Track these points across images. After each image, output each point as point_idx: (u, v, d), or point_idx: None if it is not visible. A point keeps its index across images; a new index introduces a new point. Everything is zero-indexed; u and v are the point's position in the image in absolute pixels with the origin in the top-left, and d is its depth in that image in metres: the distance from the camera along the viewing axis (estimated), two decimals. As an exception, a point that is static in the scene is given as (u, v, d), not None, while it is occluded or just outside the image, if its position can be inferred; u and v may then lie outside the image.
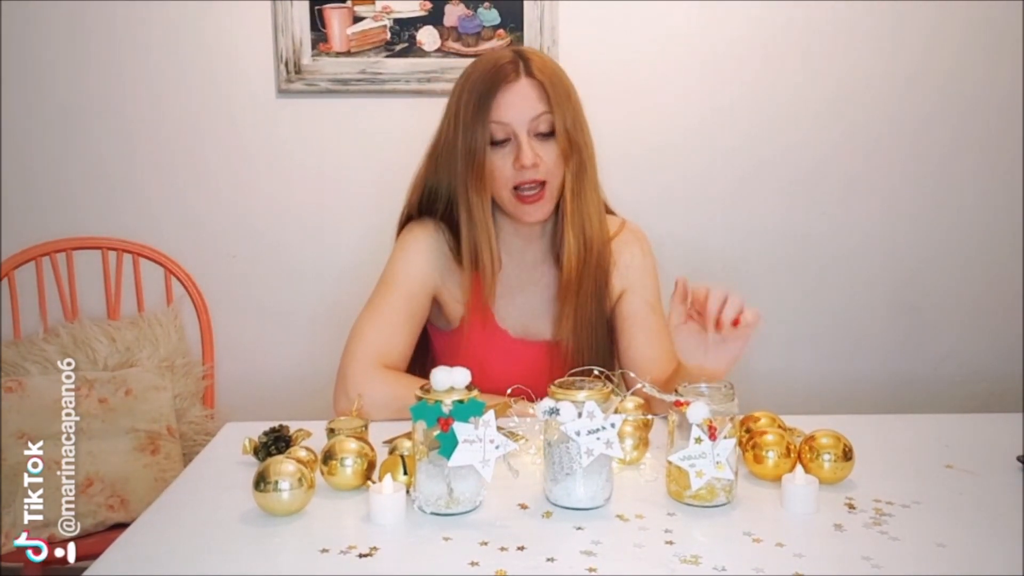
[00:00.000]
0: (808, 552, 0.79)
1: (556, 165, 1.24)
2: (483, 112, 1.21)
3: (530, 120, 1.21)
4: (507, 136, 1.22)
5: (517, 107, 1.21)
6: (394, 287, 1.29)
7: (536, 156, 1.21)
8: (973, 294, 2.10)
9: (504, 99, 1.21)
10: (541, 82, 1.22)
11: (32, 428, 1.60)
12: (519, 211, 1.26)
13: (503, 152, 1.23)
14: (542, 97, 1.22)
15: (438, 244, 1.32)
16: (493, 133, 1.22)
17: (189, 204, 2.00)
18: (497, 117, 1.21)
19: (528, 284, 1.35)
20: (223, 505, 0.91)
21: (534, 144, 1.22)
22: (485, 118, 1.21)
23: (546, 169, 1.23)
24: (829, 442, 0.96)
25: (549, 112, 1.22)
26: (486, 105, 1.21)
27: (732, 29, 2.00)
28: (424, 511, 0.88)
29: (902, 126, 2.04)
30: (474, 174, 1.23)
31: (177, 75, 1.96)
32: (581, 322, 1.30)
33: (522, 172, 1.22)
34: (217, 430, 1.21)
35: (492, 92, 1.21)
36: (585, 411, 0.86)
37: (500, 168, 1.23)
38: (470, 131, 1.22)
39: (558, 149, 1.24)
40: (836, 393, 2.10)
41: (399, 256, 1.32)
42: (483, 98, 1.21)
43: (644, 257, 1.37)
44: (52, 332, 1.76)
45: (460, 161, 1.24)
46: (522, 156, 1.20)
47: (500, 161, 1.23)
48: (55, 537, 1.54)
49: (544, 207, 1.26)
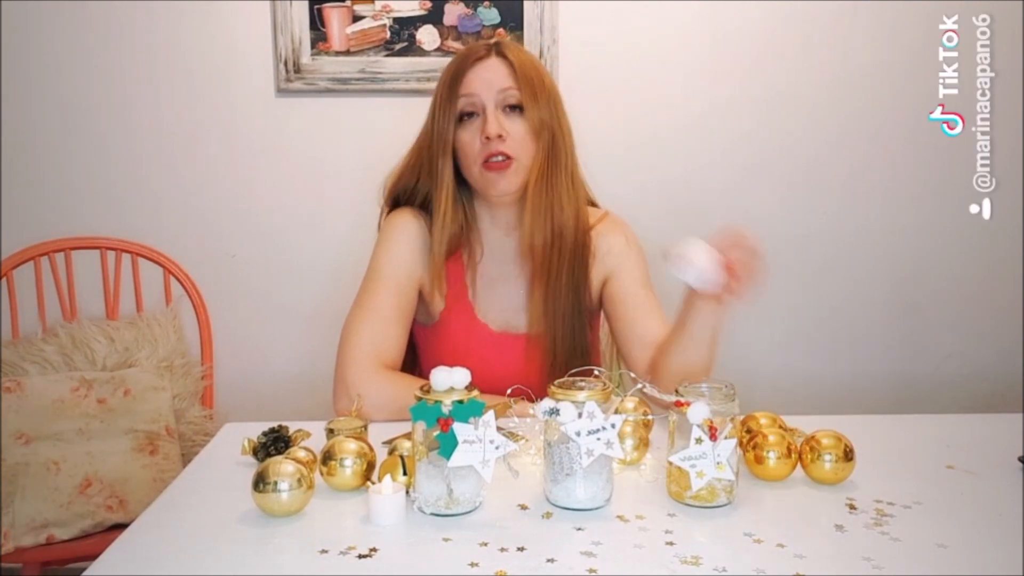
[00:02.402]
0: (809, 553, 0.79)
1: (524, 141, 1.25)
2: (454, 88, 1.25)
3: (497, 92, 1.24)
4: (475, 110, 1.25)
5: (485, 79, 1.24)
6: (382, 281, 1.29)
7: (501, 128, 1.23)
8: (974, 294, 2.10)
9: (473, 73, 1.25)
10: (511, 61, 1.26)
11: (31, 428, 1.59)
12: (486, 181, 1.26)
13: (471, 127, 1.25)
14: (510, 74, 1.25)
15: (420, 233, 1.32)
16: (462, 107, 1.25)
17: (188, 204, 2.00)
18: (465, 90, 1.24)
19: (507, 277, 1.34)
20: (222, 506, 0.90)
21: (501, 117, 1.24)
22: (455, 94, 1.25)
23: (513, 143, 1.24)
24: (830, 442, 0.96)
25: (516, 89, 1.24)
26: (457, 81, 1.25)
27: (731, 28, 2.00)
28: (424, 512, 0.88)
29: (902, 125, 2.04)
30: (444, 155, 1.27)
31: (176, 74, 1.96)
32: (555, 314, 1.29)
33: (488, 144, 1.23)
34: (216, 430, 1.20)
35: (463, 69, 1.25)
36: (585, 411, 0.86)
37: (469, 143, 1.25)
38: (443, 114, 1.26)
39: (528, 126, 1.25)
40: (837, 393, 2.10)
41: (383, 248, 1.32)
42: (454, 77, 1.26)
43: (627, 242, 1.36)
44: (51, 332, 1.76)
45: (436, 147, 1.27)
46: (487, 126, 1.22)
47: (468, 136, 1.25)
48: (54, 538, 1.55)
49: (511, 178, 1.26)
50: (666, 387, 0.95)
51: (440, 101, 1.27)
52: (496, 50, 1.26)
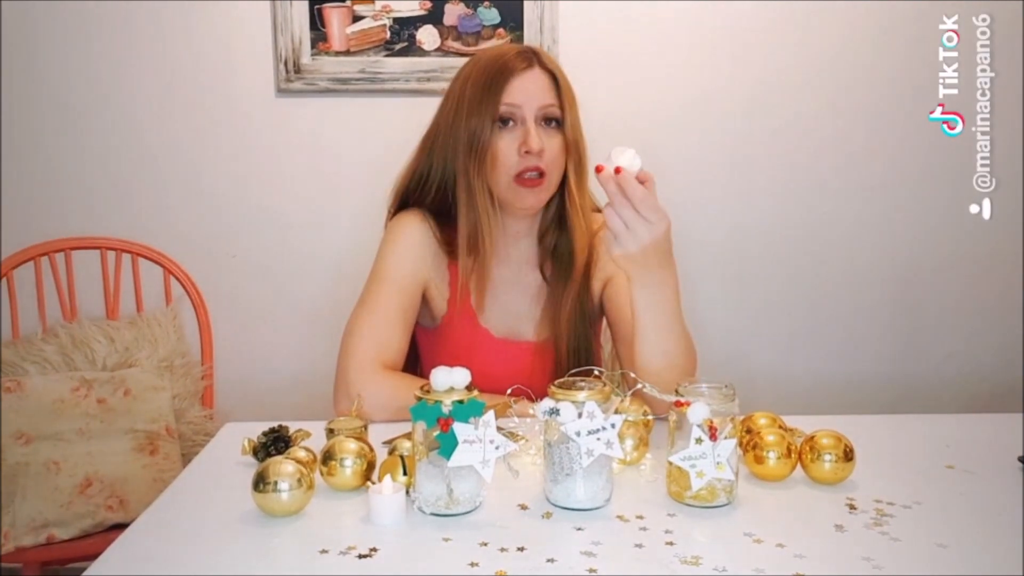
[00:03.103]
0: (809, 553, 0.78)
1: (558, 157, 1.24)
2: (493, 94, 1.22)
3: (539, 107, 1.23)
4: (515, 120, 1.23)
5: (530, 92, 1.22)
6: (386, 281, 1.28)
7: (542, 143, 1.22)
8: (974, 294, 2.10)
9: (517, 83, 1.22)
10: (552, 73, 1.25)
11: (31, 428, 1.59)
12: (517, 196, 1.25)
13: (509, 136, 1.23)
14: (552, 87, 1.24)
15: (426, 234, 1.31)
16: (502, 115, 1.22)
17: (188, 203, 2.00)
18: (509, 99, 1.22)
19: (512, 284, 1.34)
20: (222, 506, 0.90)
21: (540, 132, 1.23)
22: (496, 99, 1.22)
23: (549, 159, 1.23)
24: (830, 442, 0.96)
25: (558, 105, 1.23)
26: (497, 88, 1.22)
27: (732, 28, 2.00)
28: (424, 512, 0.88)
29: (902, 124, 2.04)
30: (476, 157, 1.23)
31: (176, 74, 1.96)
32: (564, 323, 1.30)
33: (526, 158, 1.22)
34: (216, 430, 1.20)
35: (505, 76, 1.22)
36: (585, 411, 0.86)
37: (504, 152, 1.23)
38: (475, 115, 1.22)
39: (562, 142, 1.24)
40: (837, 393, 2.10)
41: (389, 249, 1.31)
42: (495, 82, 1.22)
43: None
44: (51, 332, 1.76)
45: (462, 145, 1.24)
46: (530, 140, 1.21)
47: (505, 145, 1.23)
48: (54, 537, 1.55)
49: (542, 195, 1.26)
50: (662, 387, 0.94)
51: (472, 102, 1.23)
52: (538, 61, 1.25)
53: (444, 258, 1.32)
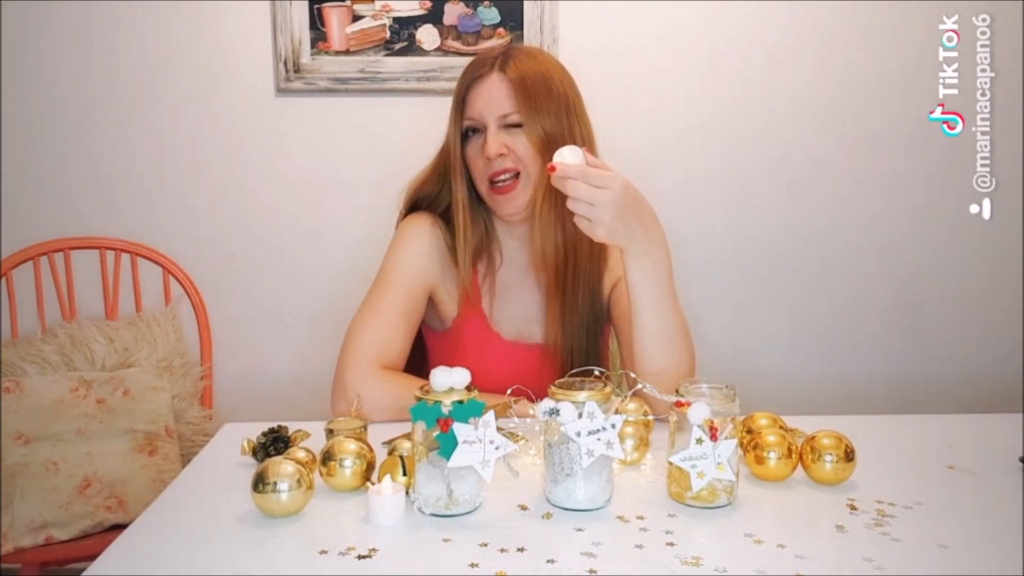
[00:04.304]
0: (810, 553, 0.78)
1: (530, 156, 1.24)
2: (459, 105, 1.27)
3: (498, 114, 1.23)
4: (479, 128, 1.25)
5: (486, 100, 1.24)
6: (391, 284, 1.29)
7: (502, 146, 1.23)
8: (974, 294, 2.10)
9: (475, 92, 1.25)
10: (512, 80, 1.23)
11: (30, 429, 1.59)
12: (494, 203, 1.27)
13: (476, 144, 1.26)
14: (510, 93, 1.23)
15: (435, 239, 1.32)
16: (468, 125, 1.26)
17: (188, 204, 2.00)
18: (469, 110, 1.25)
19: (521, 287, 1.34)
20: (221, 506, 0.90)
21: (502, 135, 1.23)
22: (460, 111, 1.26)
23: (517, 158, 1.24)
24: (831, 443, 0.96)
25: (515, 111, 1.23)
26: (461, 98, 1.26)
27: (732, 28, 2.00)
28: (424, 512, 0.87)
29: (902, 125, 2.03)
30: (455, 170, 1.28)
31: (176, 74, 1.96)
32: (572, 325, 1.29)
33: (490, 164, 1.24)
34: (215, 431, 1.20)
35: (466, 85, 1.26)
36: (585, 412, 0.85)
37: (474, 160, 1.26)
38: (452, 125, 1.28)
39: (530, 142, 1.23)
40: (837, 394, 2.10)
41: (396, 251, 1.32)
42: (460, 92, 1.27)
43: None
44: (50, 332, 1.75)
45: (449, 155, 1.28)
46: (487, 147, 1.23)
47: (473, 153, 1.26)
48: (53, 538, 1.55)
49: (517, 199, 1.26)
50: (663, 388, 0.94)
51: (451, 115, 1.28)
52: (499, 65, 1.24)
53: (453, 262, 1.32)
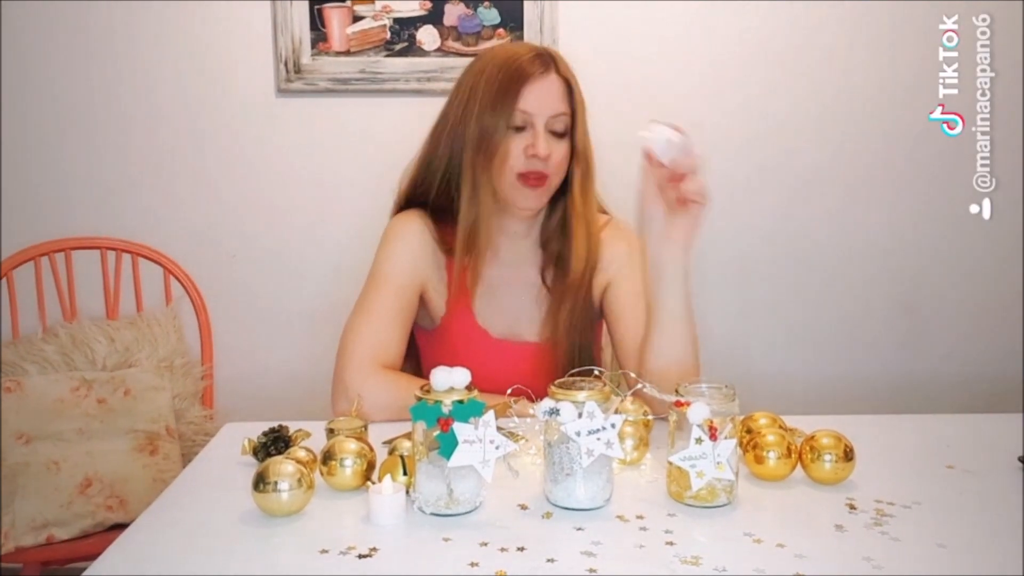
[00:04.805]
0: (809, 553, 0.78)
1: (562, 163, 1.26)
2: (509, 97, 1.22)
3: (550, 116, 1.24)
4: (525, 125, 1.24)
5: (543, 100, 1.23)
6: (384, 283, 1.29)
7: (550, 149, 1.23)
8: (973, 294, 2.10)
9: (532, 89, 1.23)
10: (567, 81, 1.26)
11: (31, 428, 1.59)
12: (519, 195, 1.26)
13: (519, 139, 1.24)
14: (566, 96, 1.25)
15: (424, 236, 1.32)
16: (515, 120, 1.23)
17: (188, 204, 2.00)
18: (524, 106, 1.23)
19: (510, 284, 1.34)
20: (222, 506, 0.90)
21: (548, 138, 1.24)
22: (511, 104, 1.22)
23: (553, 164, 1.25)
24: (830, 442, 0.96)
25: (569, 114, 1.25)
26: (514, 91, 1.22)
27: (733, 31, 2.00)
28: (424, 512, 0.88)
29: (902, 125, 2.04)
30: (485, 155, 1.24)
31: (177, 75, 1.96)
32: (571, 324, 1.30)
33: (532, 161, 1.24)
34: (216, 430, 1.20)
35: (521, 80, 1.23)
36: (585, 411, 0.86)
37: (513, 154, 1.24)
38: (489, 113, 1.23)
39: (568, 149, 1.26)
40: (837, 393, 2.10)
41: (387, 250, 1.32)
42: (511, 83, 1.23)
43: (629, 251, 1.35)
44: (51, 332, 1.76)
45: (471, 140, 1.25)
46: (538, 145, 1.23)
47: (513, 146, 1.24)
48: (54, 537, 1.55)
49: (543, 196, 1.28)
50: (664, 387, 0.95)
51: (485, 100, 1.23)
52: (555, 67, 1.25)
53: (442, 258, 1.32)
